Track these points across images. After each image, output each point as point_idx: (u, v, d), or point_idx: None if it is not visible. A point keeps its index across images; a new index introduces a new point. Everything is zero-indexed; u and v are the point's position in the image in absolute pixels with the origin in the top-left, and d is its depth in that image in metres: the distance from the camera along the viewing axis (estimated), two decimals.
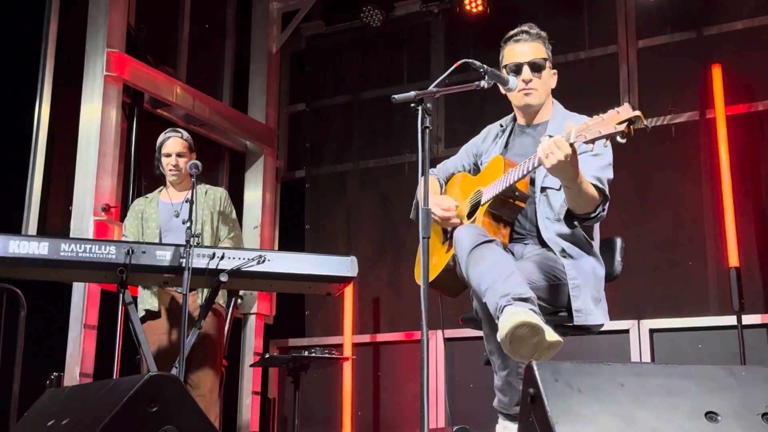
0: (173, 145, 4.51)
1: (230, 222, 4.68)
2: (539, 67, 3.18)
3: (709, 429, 1.60)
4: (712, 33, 6.07)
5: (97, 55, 5.55)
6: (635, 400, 1.62)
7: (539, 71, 3.18)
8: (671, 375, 1.68)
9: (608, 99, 6.23)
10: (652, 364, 1.69)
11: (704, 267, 5.79)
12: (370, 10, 6.90)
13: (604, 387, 1.64)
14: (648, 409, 1.61)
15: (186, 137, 4.59)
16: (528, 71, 3.17)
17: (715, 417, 1.61)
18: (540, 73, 3.18)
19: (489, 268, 2.77)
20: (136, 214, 4.59)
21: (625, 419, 1.59)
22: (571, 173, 2.78)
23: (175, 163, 4.50)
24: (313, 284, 4.13)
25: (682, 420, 1.60)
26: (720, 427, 1.60)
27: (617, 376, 1.67)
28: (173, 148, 4.51)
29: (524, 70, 3.18)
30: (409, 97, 2.77)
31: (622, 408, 1.61)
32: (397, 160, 7.07)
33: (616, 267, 3.24)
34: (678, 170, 5.98)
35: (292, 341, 6.88)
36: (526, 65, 3.18)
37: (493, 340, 2.84)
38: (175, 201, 4.58)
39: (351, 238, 7.07)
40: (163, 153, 4.52)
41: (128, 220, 4.62)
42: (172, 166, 4.50)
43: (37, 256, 3.71)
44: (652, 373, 1.68)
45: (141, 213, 4.57)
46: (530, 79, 3.17)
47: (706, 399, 1.64)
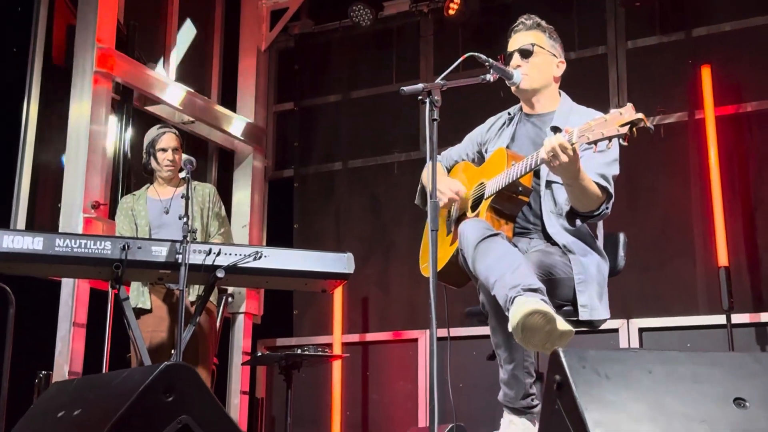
0: (168, 140, 4.52)
1: (220, 218, 4.68)
2: (527, 53, 3.21)
3: (738, 415, 1.60)
4: (700, 34, 6.12)
5: (86, 51, 5.49)
6: (663, 386, 1.62)
7: (527, 57, 3.21)
8: (698, 362, 1.68)
9: (597, 99, 6.25)
10: (678, 352, 1.70)
11: (693, 266, 5.83)
12: (360, 9, 6.88)
13: (632, 374, 1.64)
14: (676, 395, 1.61)
15: (178, 134, 4.63)
16: (517, 58, 3.22)
17: (743, 403, 1.61)
18: (528, 58, 3.21)
19: (496, 260, 2.77)
20: (126, 211, 4.55)
21: (655, 405, 1.59)
22: (572, 172, 2.79)
23: (171, 157, 4.50)
24: (309, 281, 4.11)
25: (711, 406, 1.61)
26: (749, 413, 1.60)
27: (644, 362, 1.67)
28: (169, 143, 4.52)
29: (514, 57, 3.23)
30: (417, 90, 2.77)
31: (651, 394, 1.61)
32: (387, 160, 7.06)
33: (619, 262, 3.25)
34: (667, 170, 6.02)
35: (280, 341, 6.84)
36: (516, 52, 3.22)
37: (500, 332, 2.84)
38: (163, 197, 4.55)
39: (340, 237, 7.05)
40: (159, 148, 4.51)
41: (119, 218, 4.58)
42: (169, 161, 4.49)
43: (31, 251, 3.66)
44: (678, 360, 1.68)
45: (131, 210, 4.53)
46: (518, 65, 3.19)
47: (734, 385, 1.64)
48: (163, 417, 1.89)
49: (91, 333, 5.16)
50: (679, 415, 1.58)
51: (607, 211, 3.01)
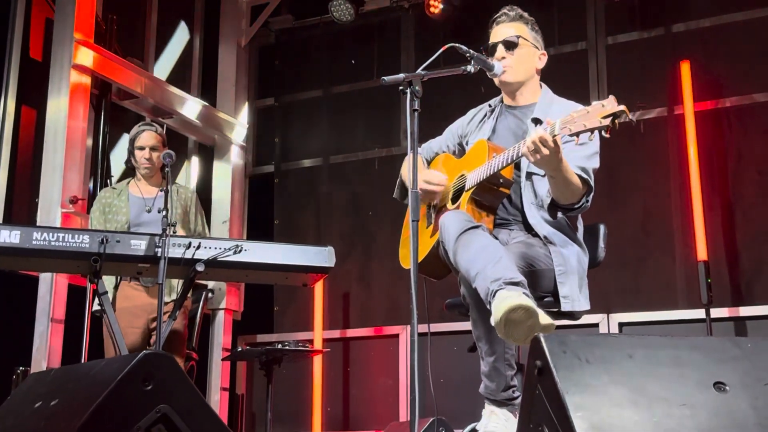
0: (147, 139, 4.52)
1: (199, 222, 4.68)
2: (512, 45, 3.21)
3: (718, 399, 1.60)
4: (680, 30, 6.15)
5: (64, 45, 5.44)
6: (644, 370, 1.62)
7: (512, 49, 3.21)
8: (678, 347, 1.68)
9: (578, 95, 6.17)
10: (658, 337, 1.70)
11: (672, 261, 5.86)
12: (340, 4, 6.86)
13: (613, 358, 1.64)
14: (657, 379, 1.61)
15: (159, 131, 4.64)
16: (501, 49, 3.22)
17: (723, 387, 1.62)
18: (513, 50, 3.21)
19: (477, 253, 2.76)
20: (103, 207, 4.52)
21: (635, 389, 1.59)
22: (554, 164, 2.79)
23: (149, 156, 4.51)
24: (289, 275, 4.08)
25: (691, 390, 1.61)
26: (728, 397, 1.61)
27: (625, 347, 1.67)
28: (147, 141, 4.52)
29: (497, 49, 3.22)
30: (398, 80, 2.76)
31: (632, 378, 1.61)
32: (368, 155, 7.05)
33: (600, 253, 3.26)
34: (646, 165, 6.05)
35: (260, 337, 6.82)
36: (500, 44, 3.21)
37: (481, 325, 2.83)
38: (147, 196, 4.55)
39: (321, 233, 7.03)
40: (137, 146, 4.53)
41: (95, 212, 4.56)
42: (145, 159, 4.50)
43: (8, 244, 3.61)
44: (659, 345, 1.69)
45: (108, 206, 4.50)
46: (502, 57, 3.18)
47: (714, 370, 1.65)
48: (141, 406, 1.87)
49: (69, 329, 5.11)
50: (659, 399, 1.58)
51: (587, 204, 3.01)
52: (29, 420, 2.04)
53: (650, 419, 1.55)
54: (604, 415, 1.54)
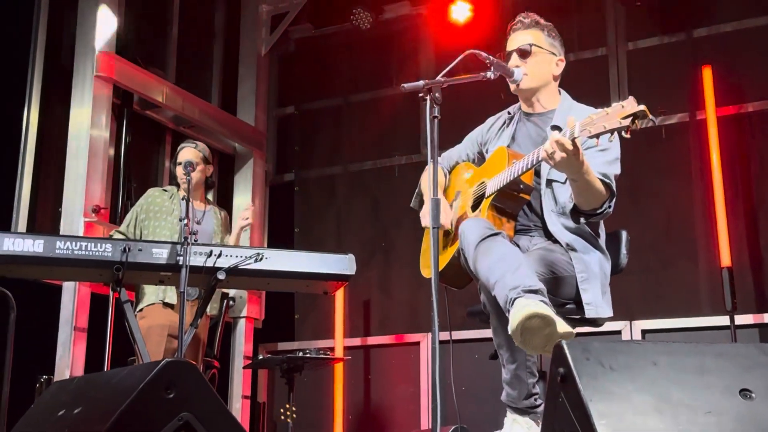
0: (184, 154, 4.65)
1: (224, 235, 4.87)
2: (525, 53, 3.21)
3: (744, 406, 1.58)
4: (701, 35, 6.11)
5: (87, 55, 5.49)
6: (669, 378, 1.61)
7: (526, 57, 3.20)
8: (704, 353, 1.67)
9: (598, 101, 6.18)
10: (683, 343, 1.68)
11: (696, 268, 5.81)
12: (360, 12, 6.87)
13: (637, 365, 1.62)
14: (682, 386, 1.60)
15: (200, 148, 4.81)
16: (516, 58, 3.22)
17: (749, 394, 1.60)
18: (526, 58, 3.20)
19: (497, 261, 2.75)
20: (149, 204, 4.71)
21: (660, 397, 1.57)
22: (575, 167, 2.77)
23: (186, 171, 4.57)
24: (310, 282, 4.08)
25: (717, 397, 1.59)
26: (754, 404, 1.59)
27: (649, 354, 1.65)
28: (185, 156, 4.65)
29: (512, 57, 3.22)
30: (418, 86, 2.75)
31: (656, 386, 1.59)
32: (387, 163, 7.06)
33: (622, 260, 3.24)
34: (669, 171, 6.00)
35: (281, 345, 6.82)
36: (514, 52, 3.21)
37: (502, 333, 2.82)
38: (196, 209, 4.66)
39: (341, 241, 7.04)
40: (177, 162, 4.64)
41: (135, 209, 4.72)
42: (184, 174, 4.55)
43: (31, 253, 3.64)
44: (684, 352, 1.67)
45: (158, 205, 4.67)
46: (518, 65, 3.18)
47: (740, 377, 1.63)
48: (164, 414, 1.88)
49: (92, 337, 5.14)
50: (684, 407, 1.57)
51: (609, 210, 2.99)
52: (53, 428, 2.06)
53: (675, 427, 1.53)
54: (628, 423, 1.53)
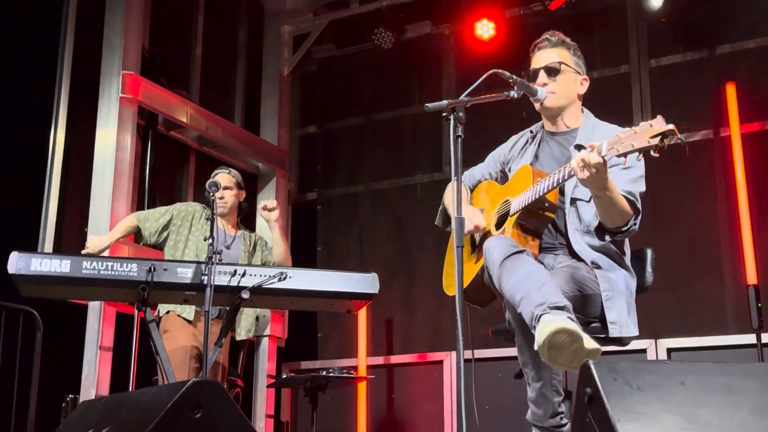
0: (219, 180, 4.69)
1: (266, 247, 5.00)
2: (554, 71, 3.20)
3: None
4: (725, 51, 6.09)
5: (112, 77, 5.57)
6: (696, 398, 1.59)
7: (554, 75, 3.20)
8: (731, 374, 1.65)
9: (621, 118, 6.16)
10: (711, 363, 1.67)
11: (721, 285, 5.76)
12: (381, 32, 6.91)
13: (664, 385, 1.61)
14: (710, 407, 1.58)
15: (233, 174, 4.92)
16: (543, 75, 3.21)
17: None
18: (555, 77, 3.20)
19: (522, 278, 2.75)
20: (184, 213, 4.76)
21: (688, 417, 1.56)
22: (601, 184, 2.76)
23: (221, 195, 4.68)
24: (334, 301, 4.08)
25: (746, 418, 1.58)
26: None
27: (676, 374, 1.64)
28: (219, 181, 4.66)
29: (539, 75, 3.21)
30: (442, 106, 2.76)
31: (684, 406, 1.58)
32: (409, 182, 7.08)
33: (647, 278, 3.22)
34: (693, 188, 5.97)
35: (304, 364, 6.82)
36: (542, 70, 3.20)
37: (527, 350, 2.81)
38: (227, 233, 4.75)
39: (363, 259, 7.05)
40: None
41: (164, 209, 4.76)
42: (218, 198, 4.60)
43: (59, 273, 3.66)
44: (711, 372, 1.66)
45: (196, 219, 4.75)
46: (544, 83, 3.18)
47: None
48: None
49: (117, 356, 5.18)
50: (713, 428, 1.55)
51: (635, 227, 2.98)
52: None
53: None
54: None
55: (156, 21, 6.22)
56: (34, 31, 5.57)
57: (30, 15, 5.54)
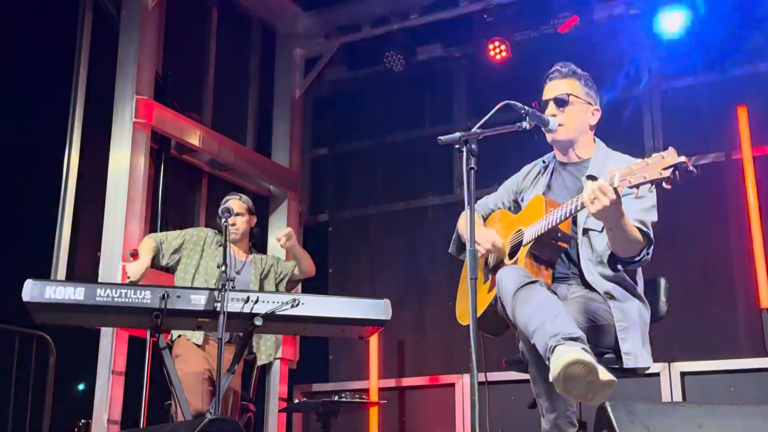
0: (230, 206, 4.67)
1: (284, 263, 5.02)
2: (563, 102, 3.21)
3: None
4: (736, 74, 6.09)
5: (126, 101, 5.61)
6: None
7: (563, 106, 3.21)
8: (749, 416, 1.65)
9: (633, 140, 6.23)
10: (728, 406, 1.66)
11: (735, 309, 5.73)
12: (393, 55, 6.94)
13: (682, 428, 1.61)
14: None
15: (244, 200, 4.91)
16: (552, 107, 3.22)
17: None
18: (564, 108, 3.20)
19: (536, 308, 2.75)
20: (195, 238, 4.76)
21: None
22: (614, 216, 2.77)
23: (233, 221, 4.67)
24: (346, 327, 4.08)
25: None
26: None
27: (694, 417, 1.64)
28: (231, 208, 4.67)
29: (549, 106, 3.22)
30: (455, 139, 2.78)
31: None
32: (421, 204, 7.08)
33: (661, 308, 3.22)
34: (705, 212, 5.95)
35: (316, 386, 6.81)
36: (551, 101, 3.21)
37: (541, 382, 2.80)
38: (238, 258, 4.74)
39: (375, 281, 7.04)
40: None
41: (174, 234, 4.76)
42: (231, 224, 4.61)
43: (73, 301, 3.68)
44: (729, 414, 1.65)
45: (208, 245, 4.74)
46: (554, 114, 3.19)
47: None
48: None
49: (129, 379, 5.19)
50: None
51: (647, 257, 2.97)
52: None
53: None
54: None
55: (169, 45, 6.26)
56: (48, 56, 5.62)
57: (44, 39, 5.60)
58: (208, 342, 4.54)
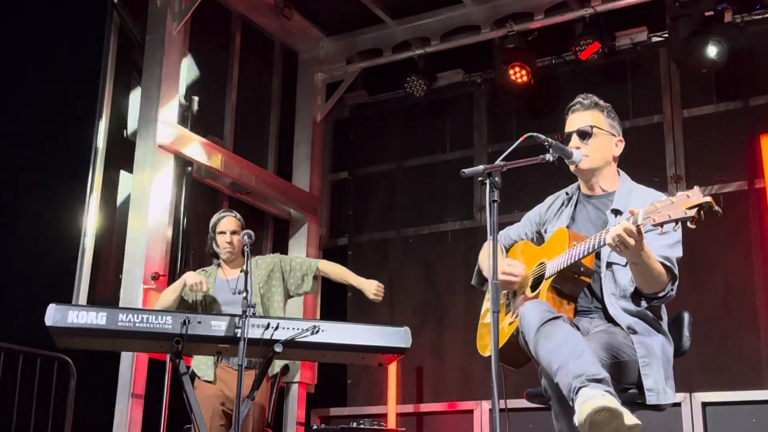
0: (227, 224, 4.70)
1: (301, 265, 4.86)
2: (586, 135, 3.20)
3: None
4: (758, 103, 6.07)
5: (149, 125, 5.67)
6: None
7: (587, 138, 3.20)
8: None
9: (654, 168, 6.22)
10: None
11: (757, 338, 5.69)
12: (414, 80, 6.98)
13: None
14: None
15: (238, 217, 4.81)
16: (576, 139, 3.21)
17: None
18: (587, 140, 3.19)
19: (559, 346, 2.73)
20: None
21: None
22: (637, 252, 2.76)
23: (230, 240, 4.67)
24: (366, 355, 4.08)
25: None
26: None
27: None
28: (227, 226, 4.69)
29: (572, 139, 3.22)
30: (478, 171, 2.78)
31: None
32: (440, 228, 7.09)
33: (685, 342, 3.19)
34: (727, 240, 5.92)
35: (333, 410, 6.79)
36: (574, 134, 3.21)
37: (564, 419, 2.79)
38: (230, 278, 4.68)
39: (393, 306, 7.04)
40: (218, 231, 4.71)
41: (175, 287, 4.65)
42: (227, 243, 4.66)
43: (95, 326, 3.69)
44: None
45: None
46: (577, 147, 3.18)
47: None
48: None
49: (148, 402, 5.20)
50: None
51: (672, 293, 2.95)
52: None
53: None
54: None
55: (193, 69, 6.32)
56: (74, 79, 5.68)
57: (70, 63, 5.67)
58: (225, 370, 4.53)
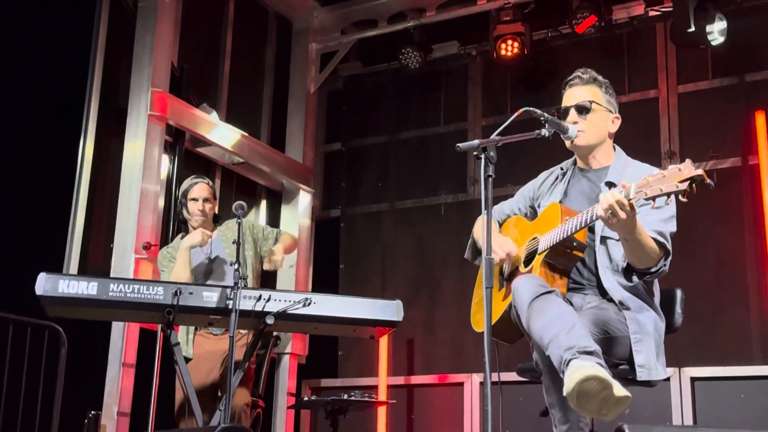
0: (200, 191, 4.67)
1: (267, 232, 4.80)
2: (584, 109, 3.18)
3: None
4: (754, 79, 6.05)
5: (141, 94, 5.60)
6: None
7: (585, 113, 3.18)
8: None
9: (648, 143, 6.21)
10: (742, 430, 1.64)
11: (747, 315, 5.71)
12: (408, 51, 6.92)
13: None
14: None
15: (211, 184, 4.79)
16: (574, 114, 3.19)
17: None
18: (585, 115, 3.18)
19: (551, 320, 2.73)
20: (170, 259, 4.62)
21: None
22: (629, 228, 2.75)
23: (202, 207, 4.67)
24: (357, 327, 4.09)
25: None
26: None
27: None
28: (200, 193, 4.67)
29: (570, 113, 3.20)
30: (473, 146, 2.76)
31: None
32: (434, 201, 7.07)
33: (676, 319, 3.20)
34: (720, 216, 5.92)
35: (324, 382, 6.81)
36: (573, 108, 3.19)
37: (554, 392, 2.79)
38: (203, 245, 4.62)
39: (385, 278, 7.04)
40: (190, 198, 4.69)
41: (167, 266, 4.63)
42: (199, 210, 4.65)
43: (86, 296, 3.69)
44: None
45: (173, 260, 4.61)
46: (575, 122, 3.17)
47: None
48: None
49: (139, 372, 5.20)
50: None
51: (665, 269, 2.95)
52: None
53: None
54: None
55: (185, 38, 6.25)
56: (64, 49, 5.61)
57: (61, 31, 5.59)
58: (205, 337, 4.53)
